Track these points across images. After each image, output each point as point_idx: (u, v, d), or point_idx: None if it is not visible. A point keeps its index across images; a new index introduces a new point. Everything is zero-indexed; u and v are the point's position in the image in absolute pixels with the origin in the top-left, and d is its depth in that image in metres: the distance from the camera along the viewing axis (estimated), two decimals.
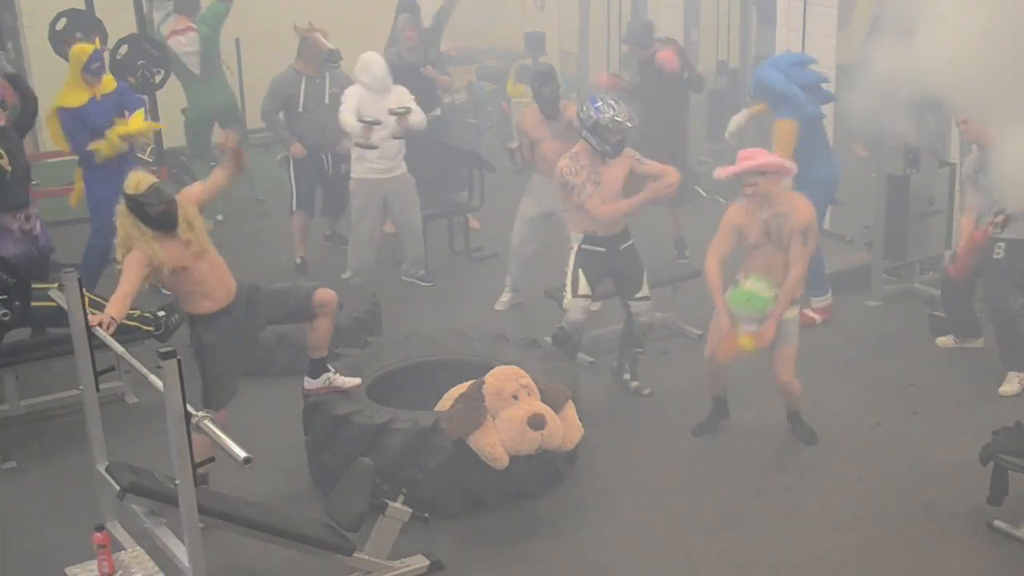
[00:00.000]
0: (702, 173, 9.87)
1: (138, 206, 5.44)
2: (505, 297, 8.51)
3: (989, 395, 6.91)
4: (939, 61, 5.15)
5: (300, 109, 8.89)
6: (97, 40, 8.55)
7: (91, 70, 7.94)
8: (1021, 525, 5.53)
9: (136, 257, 5.47)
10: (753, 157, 6.15)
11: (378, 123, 8.27)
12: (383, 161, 8.44)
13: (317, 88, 8.93)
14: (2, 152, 7.04)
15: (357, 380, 6.09)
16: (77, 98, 7.92)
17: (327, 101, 8.90)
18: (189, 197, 5.74)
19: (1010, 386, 6.99)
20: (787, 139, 7.66)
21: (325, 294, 5.87)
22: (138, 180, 5.49)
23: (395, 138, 8.36)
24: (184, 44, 9.89)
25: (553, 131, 8.02)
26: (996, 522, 5.59)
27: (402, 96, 8.48)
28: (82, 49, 8.01)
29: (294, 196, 9.11)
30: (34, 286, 6.51)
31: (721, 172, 6.43)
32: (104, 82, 8.05)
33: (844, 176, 9.40)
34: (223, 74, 10.40)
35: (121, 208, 5.52)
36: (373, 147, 8.31)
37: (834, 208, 9.26)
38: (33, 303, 6.42)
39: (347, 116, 8.32)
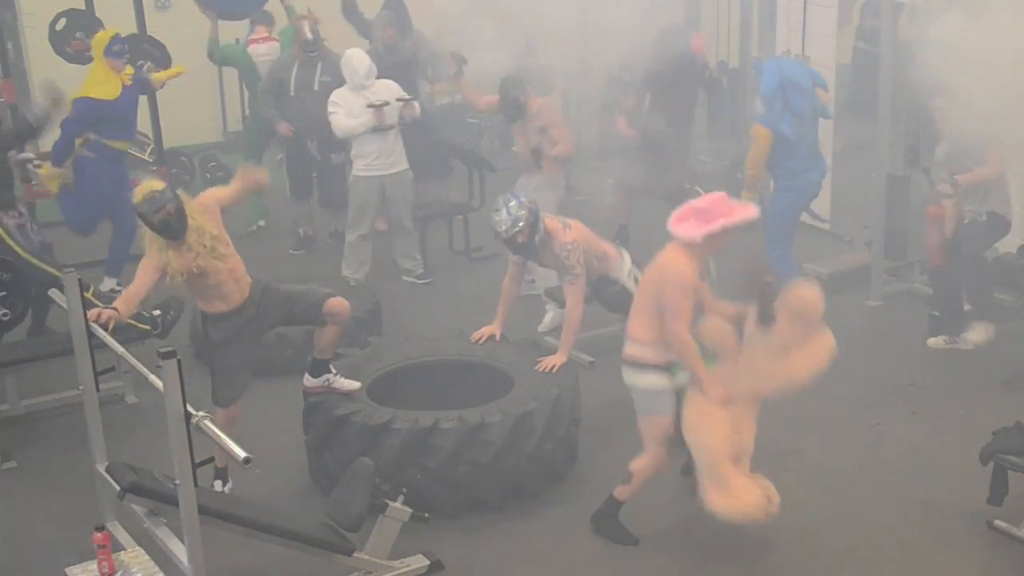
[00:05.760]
0: (702, 173, 9.82)
1: (140, 216, 5.44)
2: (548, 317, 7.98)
3: (989, 395, 6.91)
4: None
5: (292, 94, 9.09)
6: None
7: (112, 52, 7.95)
8: (1021, 525, 5.53)
9: (148, 262, 5.52)
10: None
11: (387, 104, 8.30)
12: (384, 156, 8.44)
13: (308, 74, 9.04)
14: None
15: (357, 384, 6.07)
16: (109, 90, 7.92)
17: (316, 88, 8.98)
18: (206, 202, 5.65)
19: (976, 335, 7.46)
20: (760, 144, 7.73)
21: (336, 303, 5.82)
22: (141, 189, 5.47)
23: (372, 131, 8.34)
24: (262, 53, 9.91)
25: (517, 129, 8.21)
26: (996, 522, 5.59)
27: (390, 89, 8.48)
28: (104, 34, 8.06)
29: (287, 184, 9.44)
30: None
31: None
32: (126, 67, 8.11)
33: (845, 176, 9.40)
34: None
35: None
36: (390, 127, 8.36)
37: (834, 208, 9.26)
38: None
39: (341, 121, 8.32)
